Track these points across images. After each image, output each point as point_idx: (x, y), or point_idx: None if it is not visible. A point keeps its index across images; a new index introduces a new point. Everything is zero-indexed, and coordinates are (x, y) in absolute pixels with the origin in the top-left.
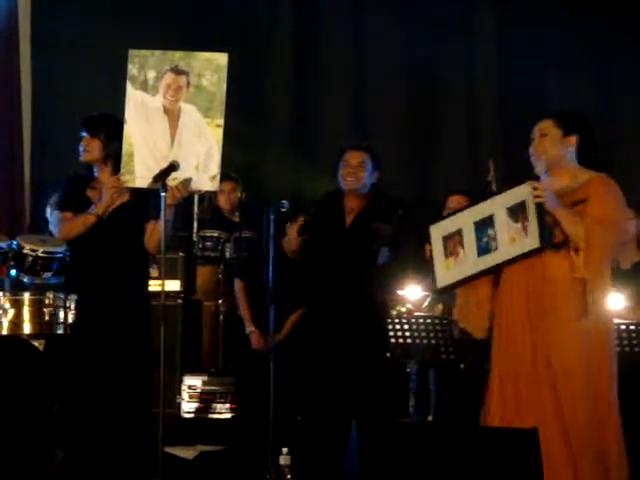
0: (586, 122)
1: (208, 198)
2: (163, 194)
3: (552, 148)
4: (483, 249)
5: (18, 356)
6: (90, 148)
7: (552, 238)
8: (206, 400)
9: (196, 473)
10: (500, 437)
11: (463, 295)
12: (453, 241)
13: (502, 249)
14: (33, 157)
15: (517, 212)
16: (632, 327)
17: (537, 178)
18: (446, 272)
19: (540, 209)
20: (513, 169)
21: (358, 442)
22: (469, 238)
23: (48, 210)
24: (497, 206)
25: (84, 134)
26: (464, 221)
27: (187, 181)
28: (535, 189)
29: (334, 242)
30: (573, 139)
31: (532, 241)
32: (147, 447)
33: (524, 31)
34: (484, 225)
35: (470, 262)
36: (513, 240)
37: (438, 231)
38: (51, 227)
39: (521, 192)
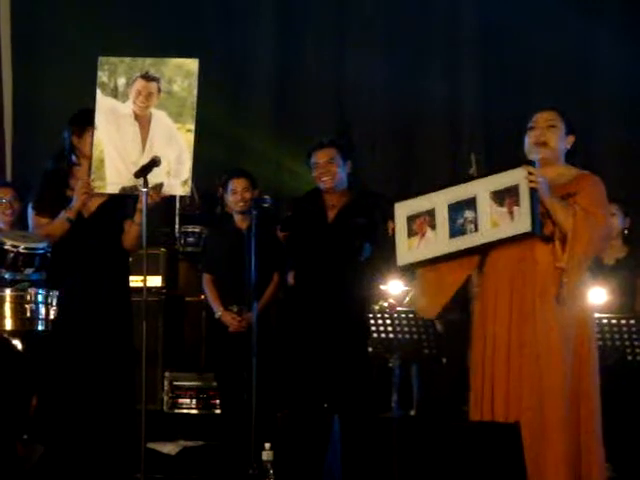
0: None
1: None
2: (145, 189)
3: (558, 141)
4: (457, 231)
5: None
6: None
7: (542, 228)
8: (188, 396)
9: (179, 469)
10: (482, 431)
11: (428, 274)
12: (420, 220)
13: (482, 232)
14: (14, 152)
15: (503, 196)
16: (613, 321)
17: (532, 163)
18: (408, 251)
19: (534, 195)
20: (495, 162)
21: (340, 437)
22: (441, 219)
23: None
24: (480, 189)
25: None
26: (438, 202)
27: (159, 186)
28: (531, 174)
29: (317, 238)
30: (572, 138)
31: (522, 225)
32: (130, 443)
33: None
34: (460, 207)
35: (440, 243)
36: (495, 224)
37: (403, 209)
38: None
39: (515, 175)
